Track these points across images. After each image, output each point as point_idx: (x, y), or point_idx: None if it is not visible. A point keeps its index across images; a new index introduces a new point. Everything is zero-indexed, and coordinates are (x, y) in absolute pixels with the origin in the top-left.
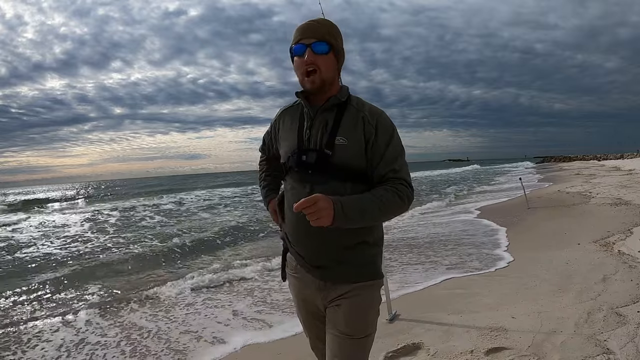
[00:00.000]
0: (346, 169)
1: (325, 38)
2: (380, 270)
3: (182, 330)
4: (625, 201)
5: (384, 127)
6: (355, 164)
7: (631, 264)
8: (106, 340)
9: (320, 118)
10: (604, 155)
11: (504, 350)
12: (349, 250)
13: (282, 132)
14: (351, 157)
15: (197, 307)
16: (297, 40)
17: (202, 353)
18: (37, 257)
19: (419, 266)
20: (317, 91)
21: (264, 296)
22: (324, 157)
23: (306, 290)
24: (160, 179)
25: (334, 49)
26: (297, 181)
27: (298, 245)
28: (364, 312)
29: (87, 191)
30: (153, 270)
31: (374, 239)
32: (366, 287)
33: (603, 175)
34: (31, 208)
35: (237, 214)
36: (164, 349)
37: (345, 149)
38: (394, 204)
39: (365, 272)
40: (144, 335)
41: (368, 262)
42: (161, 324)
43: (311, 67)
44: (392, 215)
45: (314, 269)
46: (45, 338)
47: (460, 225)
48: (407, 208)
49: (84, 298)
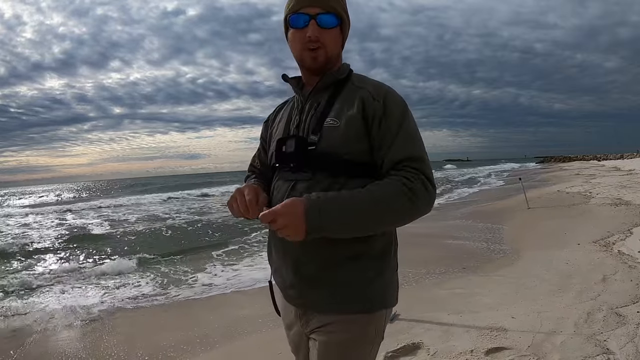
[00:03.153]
0: (337, 157)
1: (333, 7)
2: (381, 296)
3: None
4: (625, 201)
5: (394, 102)
6: (349, 150)
7: (631, 264)
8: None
9: (312, 100)
10: (604, 155)
11: (504, 350)
12: (333, 268)
13: (274, 130)
14: (343, 142)
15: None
16: (295, 8)
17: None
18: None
19: (418, 266)
20: (318, 70)
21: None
22: (303, 143)
23: (288, 316)
24: (165, 179)
25: (342, 21)
26: (282, 179)
27: (276, 262)
28: (344, 352)
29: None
30: None
31: (374, 251)
32: (352, 322)
33: (603, 175)
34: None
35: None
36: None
37: (335, 131)
38: (394, 201)
39: (351, 300)
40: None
41: (358, 286)
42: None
43: (315, 44)
44: (392, 217)
45: (289, 290)
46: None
47: (460, 225)
48: (418, 207)
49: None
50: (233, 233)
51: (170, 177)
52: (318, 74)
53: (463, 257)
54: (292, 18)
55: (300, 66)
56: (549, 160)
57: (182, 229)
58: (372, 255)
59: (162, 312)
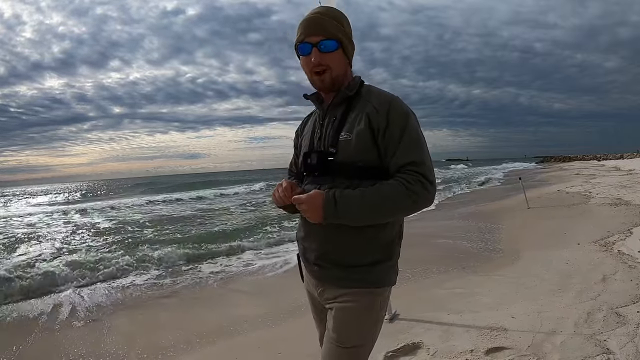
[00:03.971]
0: (352, 166)
1: (333, 34)
2: (384, 277)
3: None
4: (625, 201)
5: (396, 113)
6: (361, 159)
7: (631, 264)
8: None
9: (330, 115)
10: (604, 155)
11: (504, 350)
12: (347, 252)
13: (302, 140)
14: (356, 152)
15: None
16: (301, 38)
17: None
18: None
19: (418, 266)
20: (327, 90)
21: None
22: (323, 157)
23: (310, 285)
24: (169, 178)
25: (342, 44)
26: (310, 184)
27: (304, 242)
28: (353, 320)
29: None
30: None
31: (379, 241)
32: (361, 294)
33: (603, 175)
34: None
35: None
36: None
37: (348, 144)
38: (398, 199)
39: (360, 278)
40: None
41: (366, 267)
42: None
43: (319, 68)
44: (396, 212)
45: (312, 266)
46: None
47: (460, 225)
48: (419, 205)
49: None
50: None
51: (172, 177)
52: (329, 92)
53: (463, 257)
54: (299, 47)
55: (314, 88)
56: (549, 160)
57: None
58: (380, 243)
59: (162, 312)
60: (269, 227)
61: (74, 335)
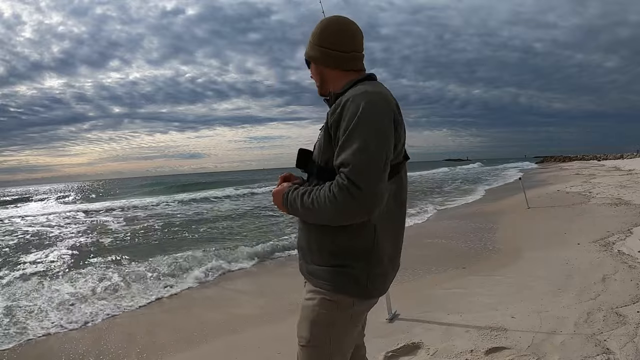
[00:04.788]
0: (317, 165)
1: (306, 53)
2: (341, 284)
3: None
4: (625, 201)
5: (347, 111)
6: (322, 158)
7: (631, 264)
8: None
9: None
10: (604, 155)
11: (504, 350)
12: (311, 250)
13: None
14: (318, 152)
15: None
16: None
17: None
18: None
19: (418, 266)
20: (322, 95)
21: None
22: (303, 156)
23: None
24: (175, 178)
25: (312, 59)
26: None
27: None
28: (305, 318)
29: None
30: None
31: (337, 245)
32: (318, 294)
33: (603, 175)
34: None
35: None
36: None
37: (317, 143)
38: (322, 205)
39: (317, 277)
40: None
41: (323, 268)
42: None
43: (312, 79)
44: (321, 218)
45: (299, 262)
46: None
47: (460, 225)
48: (345, 215)
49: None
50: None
51: (175, 177)
52: (324, 97)
53: (463, 257)
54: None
55: None
56: (549, 160)
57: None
58: (337, 248)
59: (162, 312)
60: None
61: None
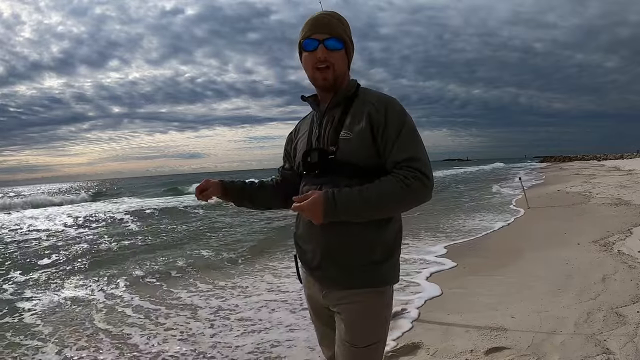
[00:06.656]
0: (352, 164)
1: (339, 34)
2: (389, 275)
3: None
4: (625, 201)
5: (394, 112)
6: (361, 157)
7: (631, 264)
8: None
9: (328, 115)
10: (604, 155)
11: (504, 350)
12: (349, 252)
13: (298, 142)
14: (356, 151)
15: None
16: (307, 34)
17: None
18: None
19: (418, 266)
20: (329, 88)
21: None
22: (325, 155)
23: (310, 290)
24: (176, 177)
25: (346, 45)
26: (309, 185)
27: (303, 244)
28: (363, 321)
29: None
30: None
31: (381, 240)
32: (367, 294)
33: (603, 175)
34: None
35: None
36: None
37: (349, 143)
38: (396, 194)
39: (365, 278)
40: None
41: (370, 266)
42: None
43: (324, 64)
44: (394, 207)
45: (313, 270)
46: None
47: (460, 225)
48: (418, 199)
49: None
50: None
51: (176, 176)
52: (329, 91)
53: (463, 256)
54: (305, 43)
55: (314, 86)
56: (549, 160)
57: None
58: (383, 242)
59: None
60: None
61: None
